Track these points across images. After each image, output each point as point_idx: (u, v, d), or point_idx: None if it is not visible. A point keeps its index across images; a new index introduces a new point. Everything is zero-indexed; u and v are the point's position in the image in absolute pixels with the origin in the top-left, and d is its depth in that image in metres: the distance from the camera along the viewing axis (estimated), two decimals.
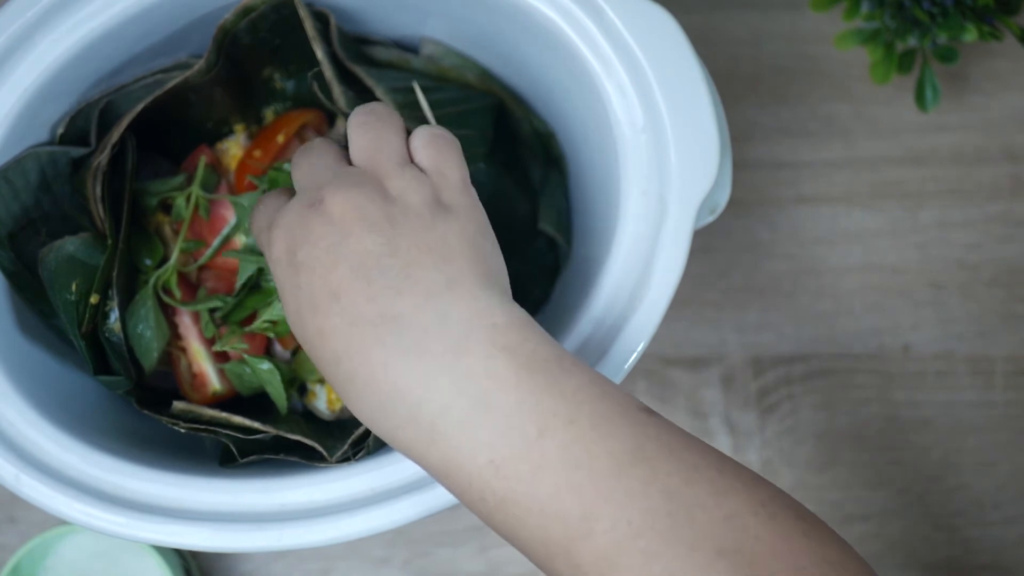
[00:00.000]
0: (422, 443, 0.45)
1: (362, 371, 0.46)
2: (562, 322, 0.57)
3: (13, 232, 0.57)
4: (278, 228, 0.49)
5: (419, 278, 0.46)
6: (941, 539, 0.73)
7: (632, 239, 0.56)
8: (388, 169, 0.49)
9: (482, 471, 0.44)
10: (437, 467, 0.46)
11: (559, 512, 0.44)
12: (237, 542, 0.54)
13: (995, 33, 0.67)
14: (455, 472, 0.45)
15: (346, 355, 0.46)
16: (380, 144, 0.50)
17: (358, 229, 0.47)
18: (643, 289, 0.55)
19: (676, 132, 0.55)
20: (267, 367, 0.59)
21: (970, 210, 0.75)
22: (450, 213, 0.49)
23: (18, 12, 0.55)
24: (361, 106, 0.52)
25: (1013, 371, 0.74)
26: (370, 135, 0.50)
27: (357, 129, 0.51)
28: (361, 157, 0.50)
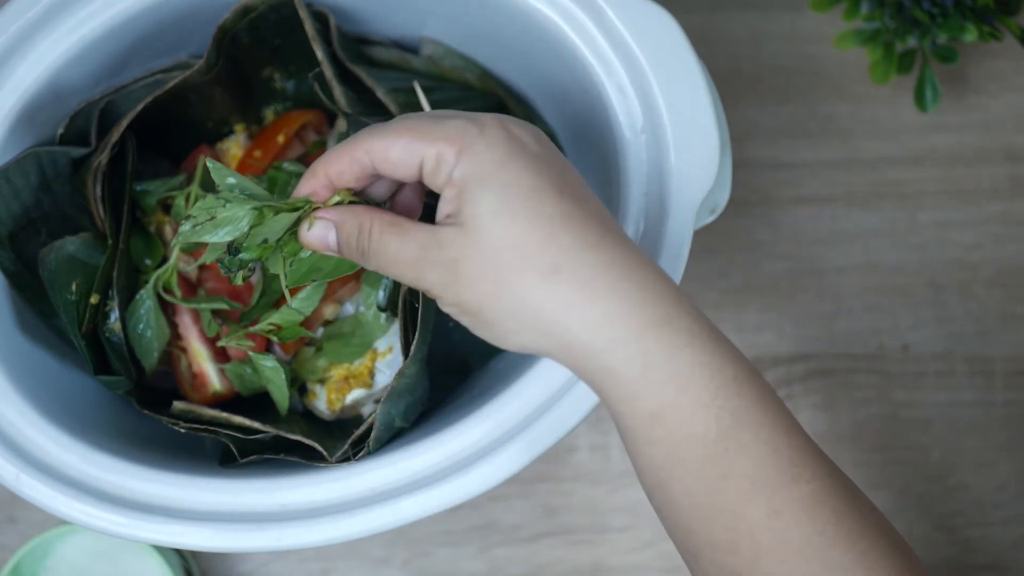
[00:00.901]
0: (676, 345, 0.45)
1: (623, 262, 0.45)
2: None
3: (13, 232, 0.57)
4: (507, 120, 0.47)
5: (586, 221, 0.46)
6: (941, 539, 0.73)
7: (632, 239, 0.56)
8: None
9: (728, 385, 0.45)
10: (684, 372, 0.45)
11: (779, 451, 0.45)
12: (237, 542, 0.54)
13: (995, 33, 0.67)
14: (704, 380, 0.45)
15: (602, 242, 0.45)
16: None
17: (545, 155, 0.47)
18: None
19: (676, 132, 0.55)
20: (272, 365, 0.59)
21: (970, 210, 0.75)
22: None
23: (18, 12, 0.55)
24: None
25: (1013, 371, 0.74)
26: None
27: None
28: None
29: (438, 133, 0.46)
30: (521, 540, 0.72)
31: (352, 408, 0.62)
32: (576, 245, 0.45)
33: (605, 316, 0.45)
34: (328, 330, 0.61)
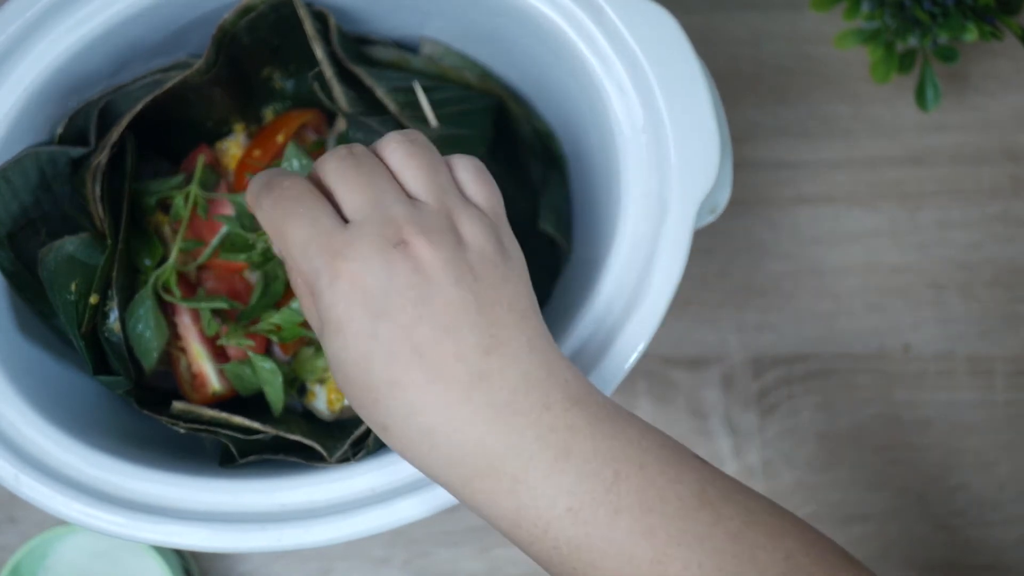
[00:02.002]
0: (499, 493, 0.46)
1: (442, 427, 0.46)
2: (562, 322, 0.57)
3: (13, 232, 0.57)
4: (351, 261, 0.46)
5: (504, 338, 0.46)
6: (941, 539, 0.73)
7: (632, 239, 0.56)
8: (453, 207, 0.48)
9: (560, 518, 0.45)
10: (510, 517, 0.46)
11: (633, 555, 0.45)
12: (237, 542, 0.54)
13: (996, 33, 0.67)
14: (530, 521, 0.46)
15: (423, 409, 0.46)
16: (437, 177, 0.48)
17: (445, 281, 0.46)
18: (643, 289, 0.55)
19: (676, 132, 0.55)
20: (270, 367, 0.59)
21: (970, 210, 0.75)
22: (511, 259, 0.48)
23: (18, 12, 0.55)
24: (395, 133, 0.49)
25: (1013, 371, 0.74)
26: (425, 167, 0.48)
27: (408, 159, 0.48)
28: (423, 192, 0.48)
29: (299, 265, 0.47)
30: None
31: (352, 408, 0.62)
32: (397, 413, 0.46)
33: (430, 471, 0.47)
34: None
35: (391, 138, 0.49)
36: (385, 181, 0.48)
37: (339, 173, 0.48)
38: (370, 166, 0.48)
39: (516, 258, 0.49)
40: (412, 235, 0.46)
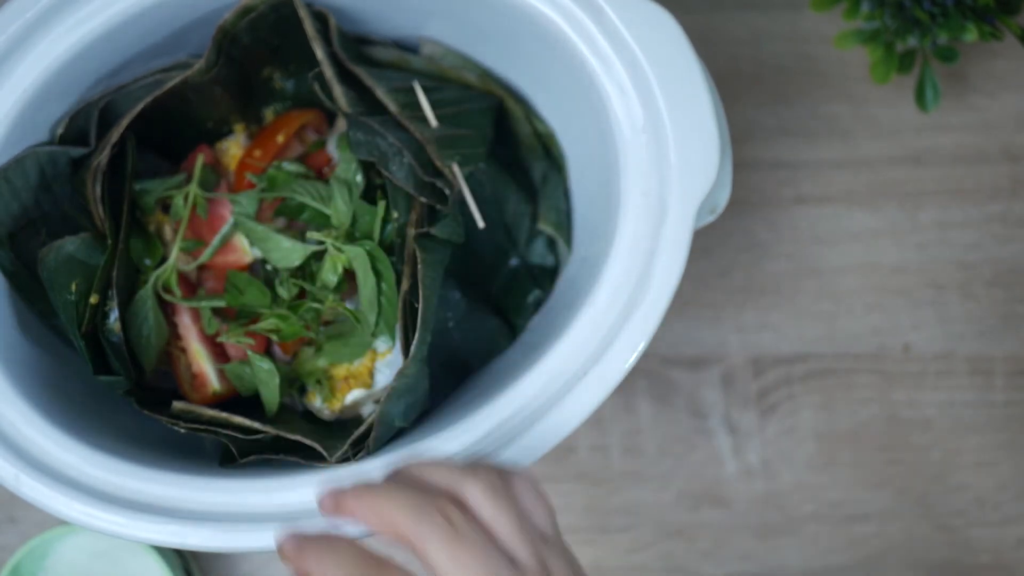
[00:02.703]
0: None
1: None
2: (562, 322, 0.57)
3: (13, 232, 0.57)
4: None
5: None
6: (941, 539, 0.73)
7: (632, 239, 0.56)
8: (542, 555, 0.48)
9: None
10: None
11: None
12: (237, 542, 0.54)
13: (995, 33, 0.67)
14: None
15: None
16: (524, 528, 0.48)
17: None
18: (643, 289, 0.55)
19: (676, 132, 0.55)
20: (268, 367, 0.59)
21: (970, 210, 0.75)
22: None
23: (18, 12, 0.55)
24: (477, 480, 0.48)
25: (1013, 371, 0.74)
26: (513, 520, 0.48)
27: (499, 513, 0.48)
28: (517, 548, 0.48)
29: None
30: None
31: (352, 408, 0.62)
32: None
33: None
34: (328, 330, 0.61)
35: (474, 485, 0.49)
36: (490, 555, 0.47)
37: (445, 554, 0.48)
38: (474, 540, 0.47)
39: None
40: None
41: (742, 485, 0.73)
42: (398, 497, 0.47)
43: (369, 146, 0.57)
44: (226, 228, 0.60)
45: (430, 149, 0.58)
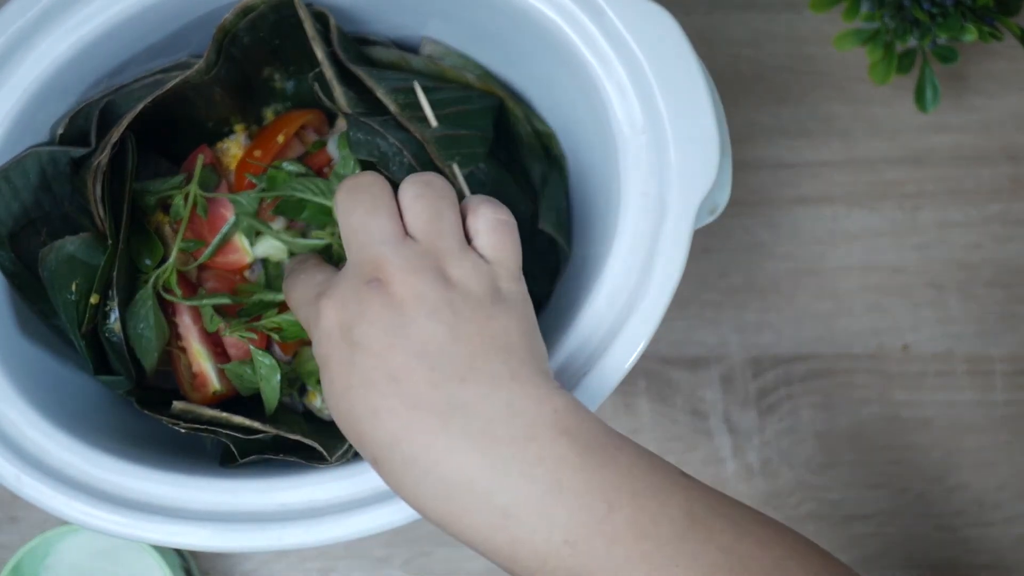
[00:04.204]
0: (492, 528, 0.46)
1: (423, 457, 0.46)
2: (562, 322, 0.57)
3: (13, 232, 0.57)
4: (330, 299, 0.48)
5: (483, 368, 0.47)
6: (941, 539, 0.73)
7: (632, 239, 0.56)
8: (448, 251, 0.49)
9: (558, 551, 0.46)
10: (503, 550, 0.46)
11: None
12: (237, 542, 0.54)
13: (995, 33, 0.67)
14: (526, 554, 0.46)
15: (405, 438, 0.46)
16: (439, 222, 0.50)
17: (419, 314, 0.47)
18: (643, 289, 0.55)
19: (676, 132, 0.55)
20: (269, 362, 0.59)
21: (970, 210, 0.75)
22: (506, 302, 0.49)
23: (18, 12, 0.55)
24: (416, 174, 0.51)
25: (1013, 371, 0.74)
26: (429, 210, 0.50)
27: (414, 200, 0.50)
28: (419, 232, 0.49)
29: (299, 315, 0.52)
30: None
31: None
32: (382, 443, 0.47)
33: (419, 506, 0.48)
34: None
35: (408, 178, 0.51)
36: (381, 219, 0.49)
37: (342, 209, 0.51)
38: (369, 202, 0.50)
39: (514, 303, 0.49)
40: (387, 272, 0.48)
41: (742, 485, 0.73)
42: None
43: (369, 146, 0.57)
44: (226, 228, 0.60)
45: (430, 149, 0.58)
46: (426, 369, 0.46)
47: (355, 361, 0.47)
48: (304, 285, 0.51)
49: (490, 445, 0.46)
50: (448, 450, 0.46)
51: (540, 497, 0.46)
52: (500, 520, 0.46)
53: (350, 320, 0.47)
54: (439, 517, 0.47)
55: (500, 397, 0.47)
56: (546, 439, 0.46)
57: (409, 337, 0.47)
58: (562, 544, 0.46)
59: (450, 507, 0.46)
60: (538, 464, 0.46)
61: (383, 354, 0.47)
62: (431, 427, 0.46)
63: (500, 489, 0.46)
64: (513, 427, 0.46)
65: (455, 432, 0.46)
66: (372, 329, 0.47)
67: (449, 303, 0.47)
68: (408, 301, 0.47)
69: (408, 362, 0.46)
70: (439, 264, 0.48)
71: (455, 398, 0.46)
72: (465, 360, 0.47)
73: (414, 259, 0.48)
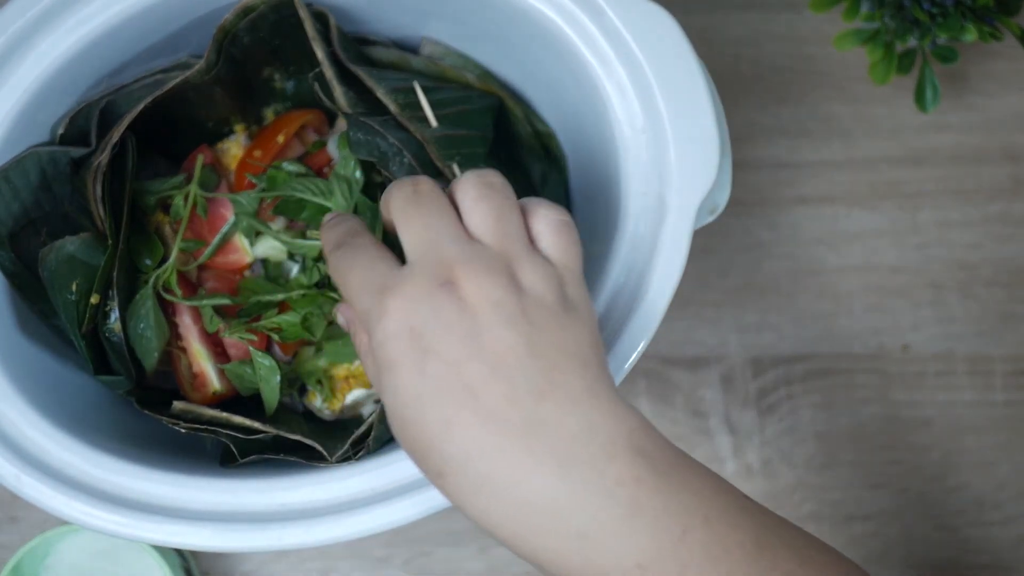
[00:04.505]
0: (566, 550, 0.45)
1: (502, 474, 0.44)
2: None
3: (13, 232, 0.57)
4: (399, 298, 0.45)
5: (560, 383, 0.45)
6: (941, 539, 0.73)
7: (632, 239, 0.56)
8: (517, 253, 0.47)
9: (628, 573, 0.45)
10: (575, 572, 0.45)
11: None
12: (237, 542, 0.54)
13: (995, 33, 0.67)
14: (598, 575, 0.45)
15: (480, 455, 0.44)
16: (505, 223, 0.47)
17: (495, 322, 0.45)
18: (643, 289, 0.55)
19: (676, 132, 0.55)
20: (269, 363, 0.59)
21: (970, 210, 0.75)
22: (576, 310, 0.47)
23: (18, 12, 0.55)
24: (473, 173, 0.49)
25: (1013, 371, 0.74)
26: (493, 210, 0.47)
27: (477, 202, 0.47)
28: (485, 233, 0.47)
29: (356, 306, 0.48)
30: None
31: (352, 408, 0.62)
32: (454, 457, 0.45)
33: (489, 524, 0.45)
34: (328, 330, 0.61)
35: (466, 178, 0.48)
36: (446, 222, 0.47)
37: (401, 211, 0.48)
38: (432, 205, 0.48)
39: (582, 310, 0.47)
40: (461, 275, 0.45)
41: (742, 485, 0.73)
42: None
43: (369, 146, 0.57)
44: (226, 228, 0.60)
45: (430, 149, 0.58)
46: (504, 383, 0.44)
47: (427, 369, 0.44)
48: (365, 271, 0.48)
49: (571, 466, 0.44)
50: (529, 470, 0.44)
51: (619, 520, 0.44)
52: (576, 543, 0.44)
53: (422, 324, 0.45)
54: (508, 535, 0.45)
55: (579, 415, 0.45)
56: (625, 460, 0.45)
57: (485, 347, 0.44)
58: (633, 567, 0.44)
59: (524, 527, 0.45)
60: (617, 486, 0.44)
61: (458, 364, 0.44)
62: (510, 445, 0.44)
63: (579, 510, 0.44)
64: (592, 447, 0.44)
65: (536, 451, 0.44)
66: (447, 336, 0.44)
67: (524, 312, 0.45)
68: (483, 307, 0.45)
69: (484, 374, 0.44)
70: (509, 268, 0.46)
71: (534, 415, 0.44)
72: (543, 374, 0.45)
73: (486, 262, 0.46)
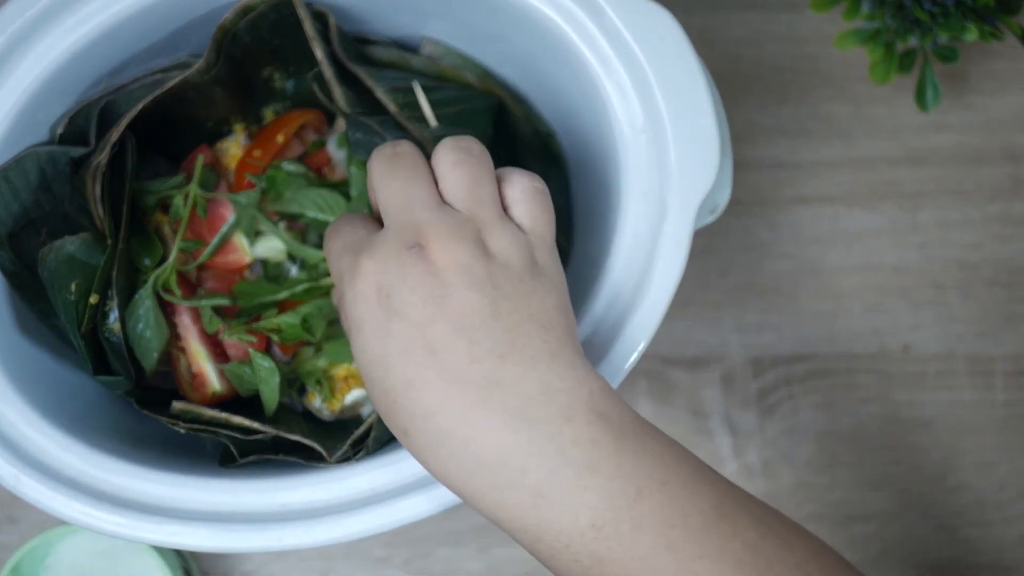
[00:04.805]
0: (521, 507, 0.46)
1: (460, 431, 0.46)
2: None
3: (13, 232, 0.57)
4: (370, 261, 0.47)
5: (521, 345, 0.46)
6: (941, 539, 0.73)
7: (632, 239, 0.56)
8: (488, 219, 0.48)
9: (583, 533, 0.45)
10: (530, 530, 0.46)
11: (656, 569, 0.45)
12: (237, 542, 0.54)
13: (996, 33, 0.67)
14: (552, 535, 0.46)
15: (440, 411, 0.46)
16: (478, 189, 0.49)
17: (461, 285, 0.46)
18: (643, 289, 0.55)
19: (676, 132, 0.55)
20: (268, 365, 0.59)
21: (970, 210, 0.75)
22: (544, 276, 0.48)
23: (18, 12, 0.55)
24: (451, 139, 0.50)
25: (1013, 371, 0.74)
26: (467, 177, 0.49)
27: (453, 168, 0.49)
28: (458, 199, 0.49)
29: (333, 267, 0.50)
30: None
31: (352, 408, 0.62)
32: (414, 414, 0.46)
33: (448, 481, 0.47)
34: (328, 330, 0.61)
35: (444, 144, 0.50)
36: (420, 186, 0.48)
37: (379, 174, 0.50)
38: (408, 169, 0.49)
39: (550, 276, 0.49)
40: (430, 239, 0.47)
41: (742, 485, 0.73)
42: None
43: (369, 146, 0.57)
44: (226, 228, 0.60)
45: (430, 149, 0.58)
46: (466, 343, 0.46)
47: (392, 329, 0.46)
48: (347, 235, 0.50)
49: (527, 424, 0.45)
50: (486, 426, 0.45)
51: (572, 479, 0.45)
52: (530, 499, 0.46)
53: (389, 285, 0.46)
54: (469, 492, 0.47)
55: (539, 376, 0.46)
56: (582, 421, 0.46)
57: (450, 308, 0.46)
58: (588, 527, 0.45)
59: (482, 482, 0.46)
60: (573, 446, 0.45)
61: (422, 324, 0.46)
62: (469, 402, 0.45)
63: (534, 468, 0.45)
64: (550, 407, 0.46)
65: (494, 408, 0.45)
66: (412, 297, 0.46)
67: (490, 276, 0.47)
68: (449, 270, 0.46)
69: (448, 334, 0.46)
70: (479, 233, 0.48)
71: (494, 374, 0.46)
72: (505, 336, 0.46)
73: (455, 227, 0.47)
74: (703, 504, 0.46)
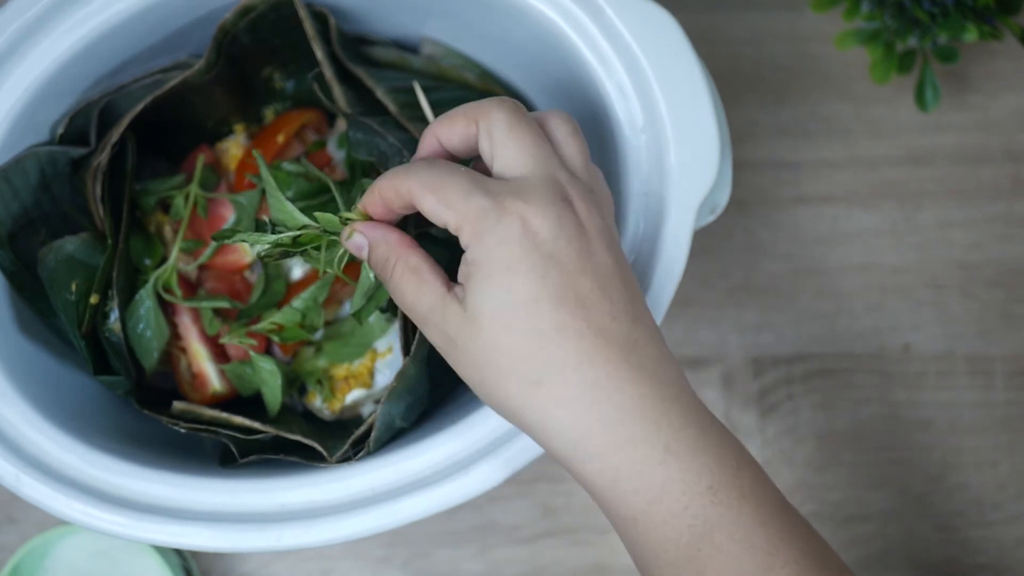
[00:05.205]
0: (651, 462, 0.47)
1: (607, 381, 0.46)
2: None
3: (13, 232, 0.57)
4: (524, 204, 0.46)
5: (643, 313, 0.48)
6: (941, 539, 0.73)
7: (633, 239, 0.56)
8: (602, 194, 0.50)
9: (702, 495, 0.47)
10: (653, 489, 0.47)
11: (753, 543, 0.47)
12: (237, 542, 0.54)
13: (995, 33, 0.67)
14: (674, 494, 0.47)
15: (590, 361, 0.46)
16: (589, 164, 0.50)
17: (600, 244, 0.48)
18: (644, 289, 0.55)
19: (676, 132, 0.55)
20: (270, 367, 0.59)
21: (970, 210, 0.75)
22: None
23: (18, 12, 0.55)
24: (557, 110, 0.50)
25: (1013, 371, 0.74)
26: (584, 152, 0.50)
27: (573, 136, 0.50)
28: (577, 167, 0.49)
29: (460, 207, 0.47)
30: (521, 540, 0.72)
31: (352, 408, 0.62)
32: (562, 362, 0.46)
33: (580, 432, 0.47)
34: (328, 330, 0.61)
35: (556, 113, 0.50)
36: (549, 146, 0.49)
37: (508, 126, 0.48)
38: (535, 126, 0.49)
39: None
40: (574, 199, 0.48)
41: None
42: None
43: (369, 146, 0.57)
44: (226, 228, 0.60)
45: None
46: (608, 302, 0.47)
47: (548, 272, 0.46)
48: (466, 178, 0.47)
49: (659, 384, 0.47)
50: (630, 380, 0.46)
51: (694, 440, 0.47)
52: (660, 454, 0.47)
53: (548, 230, 0.46)
54: (600, 445, 0.47)
55: (657, 344, 0.48)
56: (689, 389, 0.48)
57: (596, 264, 0.47)
58: (707, 489, 0.47)
59: (620, 435, 0.47)
60: (691, 410, 0.47)
61: (575, 275, 0.47)
62: (615, 356, 0.46)
63: (666, 424, 0.47)
64: (670, 373, 0.48)
65: (633, 364, 0.47)
66: (569, 247, 0.47)
67: (616, 244, 0.48)
68: (593, 230, 0.47)
69: (594, 289, 0.47)
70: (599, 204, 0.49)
71: (631, 335, 0.47)
72: (632, 302, 0.48)
73: (589, 192, 0.49)
74: (775, 492, 0.48)
